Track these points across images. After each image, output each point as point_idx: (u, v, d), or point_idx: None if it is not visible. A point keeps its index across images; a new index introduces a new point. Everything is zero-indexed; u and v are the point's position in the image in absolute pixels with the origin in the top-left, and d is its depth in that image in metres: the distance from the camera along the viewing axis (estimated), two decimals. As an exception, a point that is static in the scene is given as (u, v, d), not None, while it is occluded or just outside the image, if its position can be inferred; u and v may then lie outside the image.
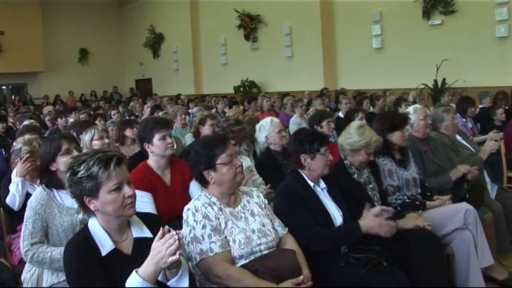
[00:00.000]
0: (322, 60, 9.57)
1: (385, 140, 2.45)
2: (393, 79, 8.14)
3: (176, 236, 1.22)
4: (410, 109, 2.97)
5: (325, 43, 9.50)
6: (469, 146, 3.24)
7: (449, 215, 2.27)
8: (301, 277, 1.59)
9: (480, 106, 5.10)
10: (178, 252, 1.22)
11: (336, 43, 9.49)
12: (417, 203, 2.33)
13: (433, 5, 7.77)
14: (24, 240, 1.79)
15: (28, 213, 1.82)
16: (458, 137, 3.27)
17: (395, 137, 2.47)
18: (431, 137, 2.90)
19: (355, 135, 2.20)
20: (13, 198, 2.30)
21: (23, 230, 1.82)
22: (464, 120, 4.30)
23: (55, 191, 1.87)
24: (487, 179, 3.01)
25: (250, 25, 10.91)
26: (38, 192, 1.88)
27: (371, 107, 5.60)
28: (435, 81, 7.46)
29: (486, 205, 2.63)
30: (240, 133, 2.66)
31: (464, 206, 2.30)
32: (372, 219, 1.89)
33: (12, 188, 2.31)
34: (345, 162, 2.25)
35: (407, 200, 2.35)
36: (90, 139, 2.86)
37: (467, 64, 7.29)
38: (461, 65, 7.30)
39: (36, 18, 13.62)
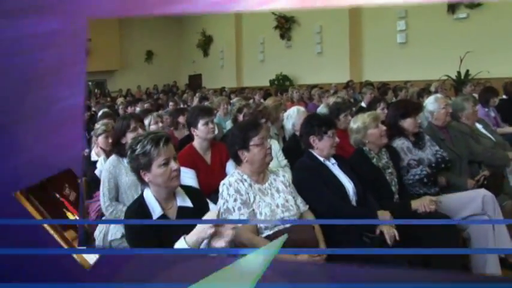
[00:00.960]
0: (349, 55, 9.09)
1: (398, 125, 2.30)
2: (416, 71, 7.50)
3: (213, 229, 1.24)
4: (431, 98, 2.69)
5: (351, 39, 9.00)
6: (489, 135, 2.88)
7: (466, 201, 2.05)
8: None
9: (504, 96, 4.54)
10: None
11: (362, 39, 8.95)
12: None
13: (459, -1, 6.98)
14: (103, 196, 1.95)
15: (104, 174, 2.00)
16: (479, 126, 2.92)
17: (407, 123, 2.29)
18: (451, 125, 2.63)
19: (353, 127, 2.14)
20: (99, 171, 2.52)
21: (101, 188, 1.98)
22: (486, 110, 3.84)
23: (123, 158, 2.00)
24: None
25: (285, 26, 10.64)
26: (111, 157, 2.08)
27: (394, 98, 5.22)
28: (458, 72, 6.77)
29: (506, 193, 2.37)
30: (266, 110, 2.64)
31: (481, 192, 2.07)
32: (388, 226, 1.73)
33: (98, 164, 2.55)
34: (364, 148, 2.13)
35: (429, 172, 2.18)
36: (149, 123, 3.00)
37: (492, 56, 6.48)
38: (485, 56, 6.51)
39: (114, 27, 14.41)
